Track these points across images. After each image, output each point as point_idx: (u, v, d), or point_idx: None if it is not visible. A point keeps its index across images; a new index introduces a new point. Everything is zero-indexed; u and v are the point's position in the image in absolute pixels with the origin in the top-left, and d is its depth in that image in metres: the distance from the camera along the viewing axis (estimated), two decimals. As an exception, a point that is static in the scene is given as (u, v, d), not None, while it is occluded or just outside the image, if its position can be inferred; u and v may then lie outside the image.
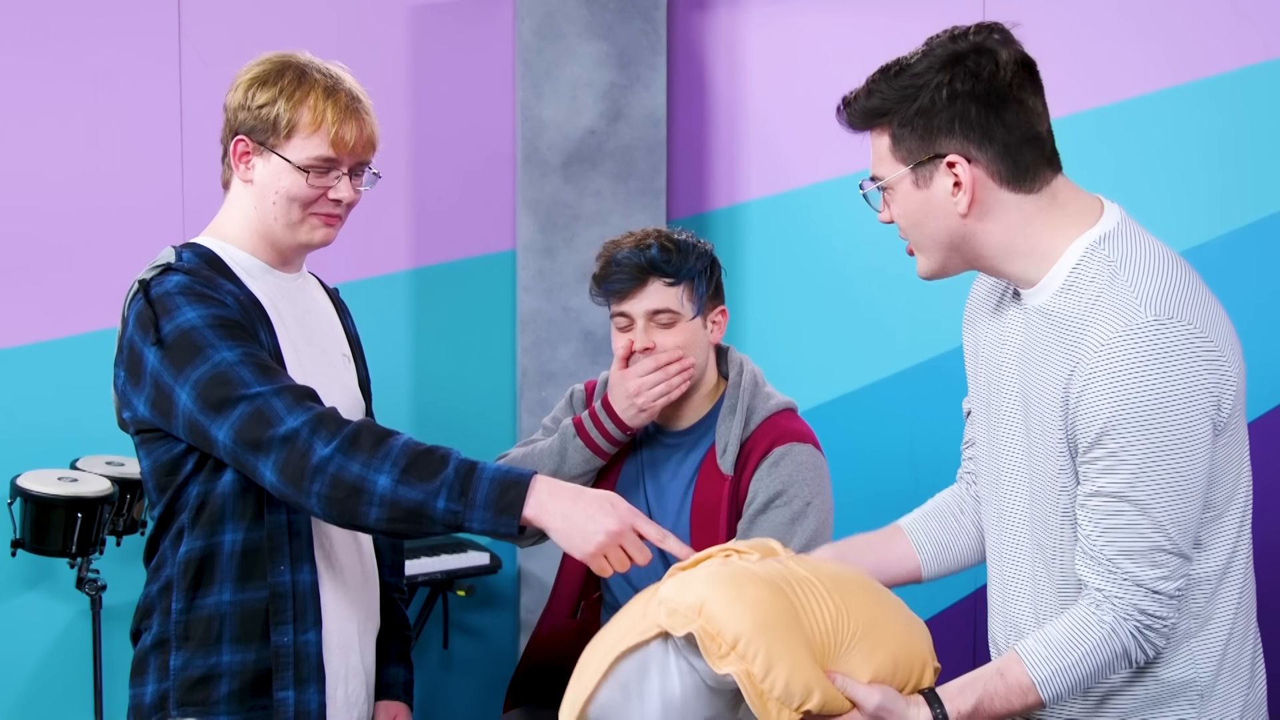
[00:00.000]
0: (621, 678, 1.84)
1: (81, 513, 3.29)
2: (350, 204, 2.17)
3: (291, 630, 2.11)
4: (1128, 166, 3.69)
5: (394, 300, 3.97)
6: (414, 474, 1.92)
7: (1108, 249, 1.80)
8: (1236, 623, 1.87)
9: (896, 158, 1.84)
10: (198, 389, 1.99)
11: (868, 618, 1.86)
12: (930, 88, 1.78)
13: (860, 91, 1.86)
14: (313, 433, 1.95)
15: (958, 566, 2.18)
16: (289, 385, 1.99)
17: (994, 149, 1.79)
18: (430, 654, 4.00)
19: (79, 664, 3.57)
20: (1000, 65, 1.78)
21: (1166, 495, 1.74)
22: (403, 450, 1.94)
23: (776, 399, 2.60)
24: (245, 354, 2.00)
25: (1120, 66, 3.71)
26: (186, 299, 2.03)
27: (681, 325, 2.51)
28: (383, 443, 1.95)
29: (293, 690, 2.10)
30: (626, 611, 1.92)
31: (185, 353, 2.00)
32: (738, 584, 1.81)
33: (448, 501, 1.91)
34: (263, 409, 1.97)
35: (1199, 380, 1.72)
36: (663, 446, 2.60)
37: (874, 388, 3.98)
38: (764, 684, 1.75)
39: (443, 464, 1.93)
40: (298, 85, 2.11)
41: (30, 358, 3.65)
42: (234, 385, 1.97)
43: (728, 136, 4.04)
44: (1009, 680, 1.82)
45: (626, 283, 2.50)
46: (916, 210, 1.85)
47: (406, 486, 1.92)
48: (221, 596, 2.08)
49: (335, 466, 1.93)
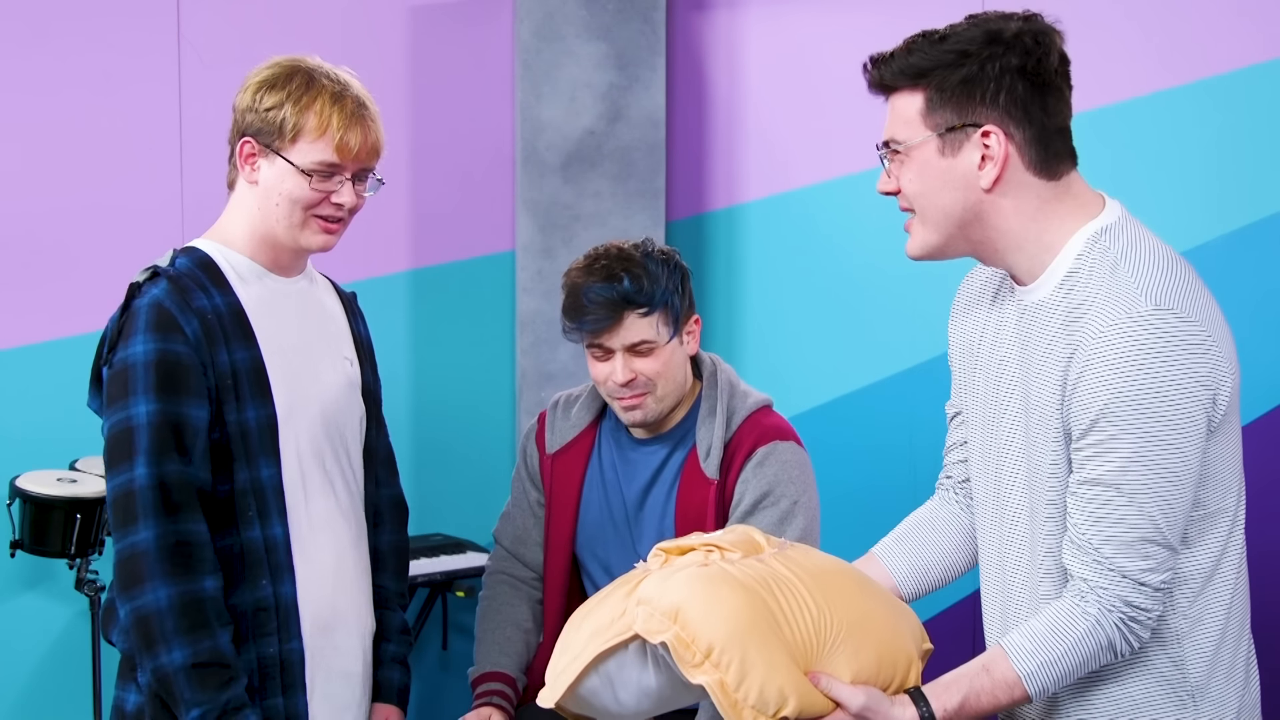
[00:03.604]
0: (601, 669, 1.87)
1: (81, 513, 3.29)
2: (353, 209, 2.18)
3: (276, 641, 2.12)
4: (1128, 166, 3.69)
5: (393, 301, 3.97)
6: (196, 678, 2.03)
7: (1108, 240, 1.80)
8: (1230, 624, 1.86)
9: (926, 123, 1.82)
10: (107, 431, 2.09)
11: (851, 617, 1.86)
12: (981, 58, 1.78)
13: (899, 49, 1.84)
14: (152, 555, 2.03)
15: (941, 582, 2.17)
16: (164, 477, 2.04)
17: (1031, 131, 1.80)
18: (429, 655, 4.00)
19: (78, 664, 3.57)
20: (1053, 52, 1.80)
21: (1157, 486, 1.74)
22: (191, 665, 2.03)
23: (754, 396, 2.59)
24: (160, 412, 2.05)
25: (1120, 66, 3.71)
26: (147, 325, 2.07)
27: (659, 350, 2.48)
28: (193, 631, 2.03)
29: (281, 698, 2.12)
30: (608, 597, 1.92)
31: (117, 388, 2.08)
32: (715, 590, 1.81)
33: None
34: (126, 490, 2.05)
35: (1196, 373, 1.72)
36: (635, 452, 2.59)
37: (874, 388, 3.98)
38: (738, 693, 1.75)
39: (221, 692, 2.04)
40: (305, 90, 2.13)
41: (30, 358, 3.66)
42: (125, 449, 2.06)
43: (727, 137, 4.03)
44: (995, 675, 1.82)
45: (602, 321, 2.45)
46: (935, 178, 1.83)
47: (188, 681, 2.03)
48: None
49: (168, 671, 2.03)
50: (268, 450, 2.13)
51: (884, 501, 3.71)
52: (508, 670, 2.57)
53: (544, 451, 2.66)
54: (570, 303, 2.49)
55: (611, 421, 2.64)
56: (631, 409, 2.51)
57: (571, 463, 2.63)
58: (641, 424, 2.54)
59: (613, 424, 2.64)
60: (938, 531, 2.16)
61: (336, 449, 2.25)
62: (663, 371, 2.49)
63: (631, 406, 2.50)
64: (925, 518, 2.19)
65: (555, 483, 2.63)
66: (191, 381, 2.07)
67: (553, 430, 2.66)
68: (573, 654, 1.88)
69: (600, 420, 2.66)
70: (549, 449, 2.65)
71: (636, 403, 2.50)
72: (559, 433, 2.65)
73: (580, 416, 2.65)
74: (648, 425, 2.55)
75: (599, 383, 2.53)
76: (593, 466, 2.62)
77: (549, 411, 2.69)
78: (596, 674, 1.87)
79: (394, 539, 2.41)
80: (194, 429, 2.07)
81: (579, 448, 2.63)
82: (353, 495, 2.28)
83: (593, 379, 2.55)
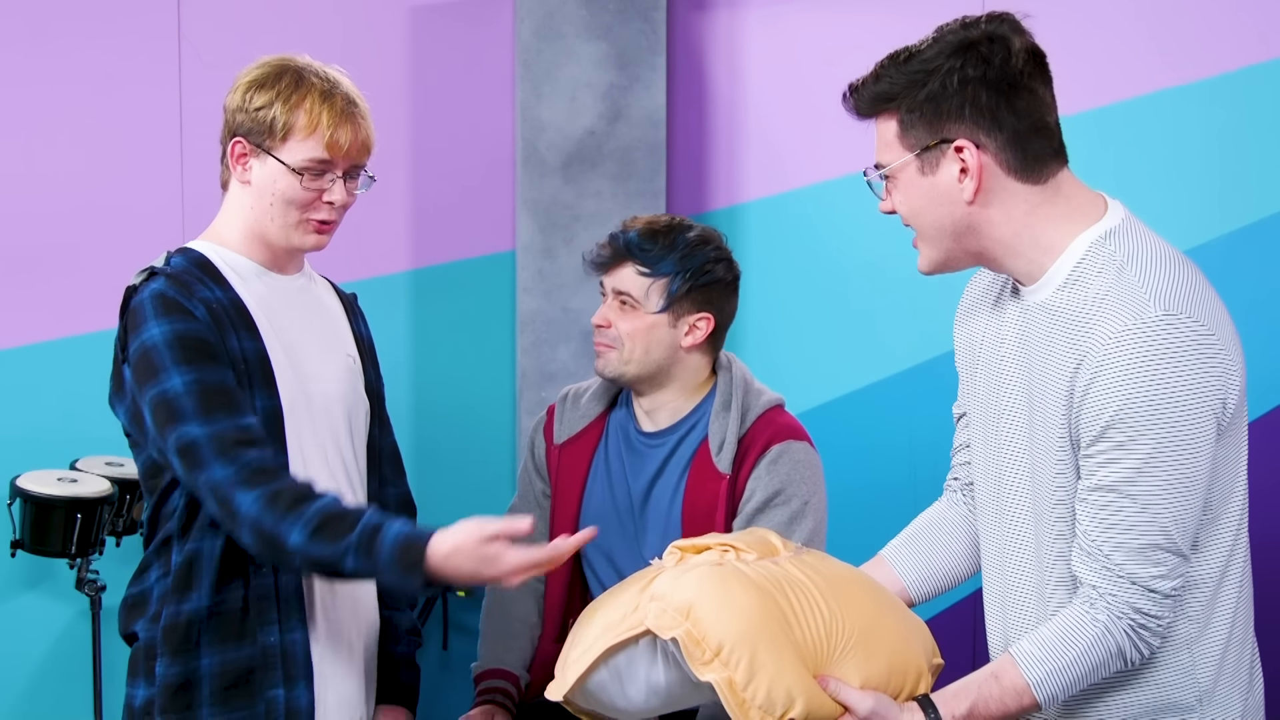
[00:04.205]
0: (611, 662, 1.87)
1: (81, 513, 3.29)
2: (344, 207, 2.18)
3: (278, 630, 2.12)
4: (1128, 166, 3.69)
5: (394, 301, 3.97)
6: (324, 535, 1.99)
7: (1113, 245, 1.79)
8: (1235, 627, 1.86)
9: (903, 144, 1.82)
10: (152, 408, 2.05)
11: (864, 623, 1.86)
12: (941, 73, 1.78)
13: (868, 77, 1.85)
14: (233, 485, 2.00)
15: (949, 584, 2.17)
16: (223, 430, 2.02)
17: (1003, 136, 1.78)
18: (430, 655, 4.00)
19: (79, 664, 3.57)
20: (1012, 53, 1.78)
21: (1169, 492, 1.73)
22: (317, 511, 2.00)
23: (768, 395, 2.60)
24: (195, 380, 2.03)
25: (1120, 66, 3.71)
26: (155, 311, 2.06)
27: (639, 314, 2.53)
28: (300, 503, 2.01)
29: (282, 689, 2.11)
30: (621, 592, 1.93)
31: (145, 371, 2.05)
32: (728, 588, 1.81)
33: (357, 561, 1.98)
34: (191, 449, 2.02)
35: (1207, 377, 1.71)
36: (641, 445, 2.60)
37: (874, 388, 3.97)
38: (745, 692, 1.75)
39: (351, 527, 1.99)
40: (294, 89, 2.13)
41: (30, 358, 3.66)
42: (174, 415, 2.03)
43: (727, 137, 4.03)
44: (1004, 683, 1.81)
45: (602, 258, 2.58)
46: (921, 197, 1.84)
47: (318, 545, 1.99)
48: (202, 601, 2.10)
49: (253, 521, 2.00)
50: (274, 442, 2.13)
51: (884, 501, 3.71)
52: (511, 667, 2.57)
53: (551, 442, 2.67)
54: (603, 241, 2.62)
55: (620, 413, 2.65)
56: (599, 355, 2.58)
57: (578, 453, 2.64)
58: (603, 374, 2.59)
59: (621, 416, 2.65)
60: (946, 534, 2.16)
61: (340, 444, 2.24)
62: (634, 336, 2.54)
63: (599, 353, 2.58)
64: (934, 519, 2.19)
65: (561, 472, 2.64)
66: (217, 352, 2.06)
67: (561, 421, 2.67)
68: (584, 647, 1.89)
69: (609, 412, 2.66)
70: (557, 439, 2.66)
71: (602, 350, 2.57)
72: (567, 423, 2.66)
73: (590, 408, 2.66)
74: (615, 380, 2.59)
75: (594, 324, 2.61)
76: (599, 457, 2.63)
77: (558, 404, 2.71)
78: (606, 668, 1.88)
79: None
80: (233, 390, 2.06)
81: (586, 438, 2.64)
82: (356, 491, 2.27)
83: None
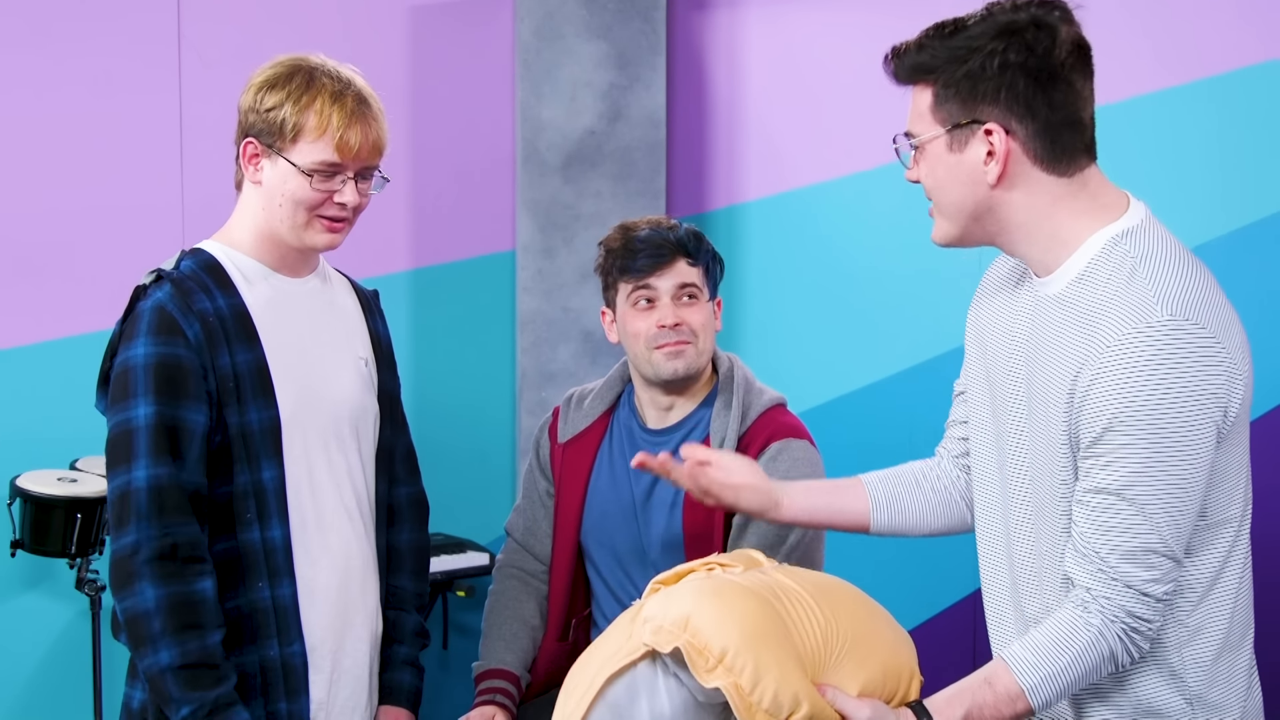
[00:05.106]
0: (610, 700, 1.83)
1: (81, 513, 3.29)
2: (357, 208, 2.18)
3: (276, 644, 2.13)
4: (1128, 166, 3.66)
5: (394, 301, 3.94)
6: (187, 680, 2.03)
7: (1129, 244, 1.79)
8: (1231, 633, 1.85)
9: (935, 117, 1.82)
10: (109, 432, 2.10)
11: (856, 628, 1.85)
12: (983, 53, 1.77)
13: (911, 44, 1.84)
14: (144, 564, 2.05)
15: (906, 530, 2.18)
16: (158, 480, 2.05)
17: (1035, 125, 1.78)
18: (430, 654, 4.00)
19: (78, 664, 3.56)
20: (1057, 43, 1.77)
21: (1165, 497, 1.73)
22: (198, 656, 2.04)
23: (769, 394, 2.61)
24: (158, 415, 2.06)
25: (1120, 66, 3.70)
26: (149, 328, 2.08)
27: (703, 304, 2.55)
28: (186, 631, 2.04)
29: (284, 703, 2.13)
30: (612, 632, 1.91)
31: (119, 390, 2.10)
32: (723, 596, 1.80)
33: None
34: (123, 492, 2.07)
35: (1208, 384, 1.71)
36: (645, 442, 2.60)
37: (874, 388, 3.98)
38: (752, 696, 1.74)
39: (214, 684, 2.05)
40: (305, 89, 2.12)
41: (30, 358, 3.66)
42: (124, 451, 2.07)
43: (727, 137, 4.03)
44: (997, 689, 1.81)
45: (655, 258, 2.51)
46: (945, 173, 1.83)
47: (175, 681, 2.04)
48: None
49: (141, 613, 2.05)
50: (270, 452, 2.13)
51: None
52: (512, 668, 2.57)
53: (556, 442, 2.68)
54: (620, 248, 2.55)
55: (624, 412, 2.65)
56: (675, 355, 2.51)
57: (582, 451, 2.64)
58: (684, 375, 2.52)
59: (625, 414, 2.65)
60: (926, 487, 2.18)
61: (347, 449, 2.24)
62: (705, 326, 2.54)
63: (676, 353, 2.50)
64: (919, 470, 2.20)
65: (564, 470, 2.65)
66: (191, 385, 2.08)
67: (566, 421, 2.68)
68: (581, 690, 1.84)
69: (613, 411, 2.67)
70: (561, 438, 2.67)
71: (681, 348, 2.51)
72: (572, 423, 2.67)
73: (594, 407, 2.67)
74: (687, 379, 2.54)
75: (638, 336, 2.53)
76: (602, 454, 2.63)
77: (563, 405, 2.71)
78: (605, 707, 1.82)
79: (413, 538, 2.40)
80: (190, 433, 2.07)
81: (590, 437, 2.64)
82: (362, 496, 2.27)
83: (632, 335, 2.54)
